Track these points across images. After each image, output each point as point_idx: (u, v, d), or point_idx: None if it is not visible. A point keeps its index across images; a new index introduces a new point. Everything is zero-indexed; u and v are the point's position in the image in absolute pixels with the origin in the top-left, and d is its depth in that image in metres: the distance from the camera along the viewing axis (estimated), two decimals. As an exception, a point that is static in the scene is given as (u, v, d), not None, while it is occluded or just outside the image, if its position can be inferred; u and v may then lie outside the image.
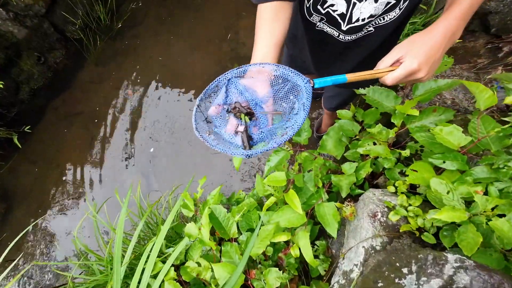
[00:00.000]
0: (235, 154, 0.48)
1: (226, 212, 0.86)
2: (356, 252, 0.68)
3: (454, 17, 0.51)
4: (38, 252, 1.75)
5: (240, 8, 2.30)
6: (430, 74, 0.53)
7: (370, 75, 0.54)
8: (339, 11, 0.63)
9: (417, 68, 0.51)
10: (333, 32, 0.70)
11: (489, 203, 0.51)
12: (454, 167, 0.63)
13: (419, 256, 0.48)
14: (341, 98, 1.16)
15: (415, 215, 0.65)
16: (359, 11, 0.60)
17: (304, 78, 0.51)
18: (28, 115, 2.20)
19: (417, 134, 0.72)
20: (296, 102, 0.52)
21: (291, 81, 0.52)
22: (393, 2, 0.57)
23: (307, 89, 0.50)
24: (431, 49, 0.51)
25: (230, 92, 0.54)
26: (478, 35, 1.13)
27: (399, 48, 0.54)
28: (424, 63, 0.51)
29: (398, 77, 0.53)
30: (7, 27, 1.95)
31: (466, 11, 0.51)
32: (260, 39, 0.58)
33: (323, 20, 0.68)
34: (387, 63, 0.55)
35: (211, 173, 1.81)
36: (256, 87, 0.53)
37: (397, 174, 0.82)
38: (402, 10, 0.59)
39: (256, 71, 0.53)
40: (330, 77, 0.53)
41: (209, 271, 0.81)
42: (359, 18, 0.62)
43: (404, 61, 0.52)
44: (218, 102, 0.53)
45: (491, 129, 0.61)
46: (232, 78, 0.54)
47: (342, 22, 0.65)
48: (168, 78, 2.19)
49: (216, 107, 0.52)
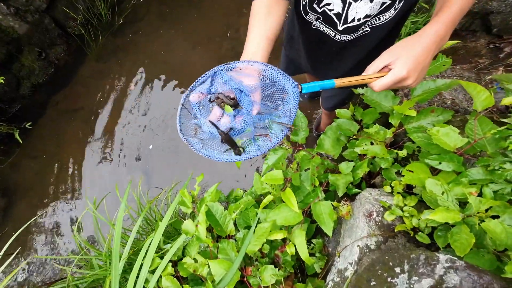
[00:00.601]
0: (219, 159, 0.47)
1: (223, 209, 0.86)
2: (351, 250, 0.69)
3: (443, 22, 0.51)
4: (38, 246, 1.77)
5: (241, 6, 2.29)
6: (418, 80, 0.53)
7: (358, 81, 0.54)
8: (335, 10, 0.63)
9: (405, 76, 0.51)
10: (329, 32, 0.70)
11: (482, 205, 0.51)
12: (450, 168, 0.63)
13: (412, 256, 0.48)
14: (339, 98, 1.16)
15: (410, 215, 0.65)
16: (354, 11, 0.60)
17: (293, 82, 0.51)
18: (29, 111, 2.21)
19: (414, 135, 0.72)
20: (281, 104, 0.52)
21: (278, 83, 0.52)
22: (389, 3, 0.57)
23: (294, 93, 0.50)
24: (420, 55, 0.51)
25: (215, 82, 0.53)
26: (480, 35, 1.13)
27: (388, 54, 0.54)
28: (413, 70, 0.51)
29: (387, 83, 0.52)
30: (8, 22, 1.95)
31: (455, 16, 0.51)
32: (252, 32, 0.58)
33: (320, 19, 0.68)
34: (376, 68, 0.55)
35: (211, 170, 1.81)
36: (243, 78, 0.52)
37: (393, 174, 0.82)
38: (398, 10, 0.59)
39: (245, 66, 0.52)
40: (318, 82, 0.53)
41: (205, 267, 0.82)
42: (354, 18, 0.62)
43: (393, 68, 0.52)
44: (201, 90, 0.52)
45: (488, 130, 0.61)
46: (219, 71, 0.53)
47: (338, 22, 0.65)
48: (168, 74, 2.19)
49: (198, 95, 0.51)
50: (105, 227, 1.74)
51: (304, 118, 0.93)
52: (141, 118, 2.07)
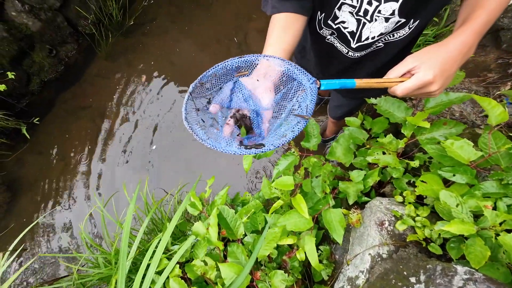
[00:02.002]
0: (227, 151, 0.44)
1: (233, 213, 0.87)
2: (362, 259, 0.69)
3: (471, 32, 0.49)
4: (42, 243, 1.77)
5: (251, 10, 2.32)
6: (442, 88, 0.51)
7: (380, 83, 0.52)
8: (349, 28, 0.63)
9: (431, 80, 0.48)
10: (342, 49, 0.71)
11: (498, 218, 0.52)
12: (464, 181, 0.64)
13: (428, 266, 0.49)
14: (347, 108, 1.17)
15: (422, 226, 0.66)
16: (369, 30, 0.61)
17: (311, 77, 0.49)
18: (37, 107, 2.22)
19: (428, 146, 0.73)
20: (297, 104, 0.49)
21: (296, 80, 0.50)
22: (403, 21, 0.57)
23: (312, 89, 0.48)
24: (446, 62, 0.49)
25: (234, 96, 0.51)
26: (489, 50, 1.14)
27: (412, 58, 0.51)
28: (439, 76, 0.49)
29: (411, 88, 0.50)
30: (21, 19, 1.98)
31: (482, 27, 0.50)
32: (270, 45, 0.57)
33: (334, 35, 0.69)
34: (398, 72, 0.52)
35: (216, 171, 1.82)
36: (260, 93, 0.51)
37: (404, 184, 0.83)
38: (412, 29, 0.59)
39: (263, 74, 0.51)
40: (339, 80, 0.50)
41: (214, 270, 0.82)
42: (368, 37, 0.62)
43: (418, 71, 0.49)
44: (220, 102, 0.51)
45: (502, 145, 0.62)
46: (238, 81, 0.51)
47: (352, 40, 0.65)
48: (176, 75, 2.21)
49: (218, 106, 0.51)
50: (109, 225, 1.74)
51: (316, 125, 0.94)
52: (147, 118, 2.09)
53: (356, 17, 0.60)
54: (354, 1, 0.57)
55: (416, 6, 0.54)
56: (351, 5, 0.58)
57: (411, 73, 0.51)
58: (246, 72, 0.52)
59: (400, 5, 0.53)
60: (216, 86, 0.53)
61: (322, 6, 0.63)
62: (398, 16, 0.56)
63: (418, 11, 0.56)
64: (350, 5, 0.58)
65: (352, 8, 0.58)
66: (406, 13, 0.56)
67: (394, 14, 0.55)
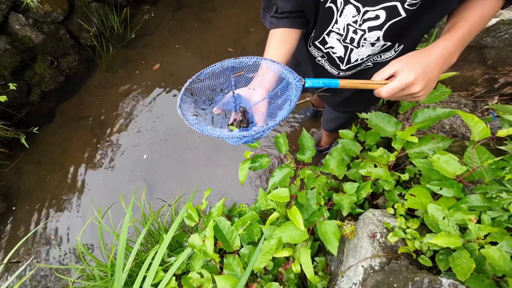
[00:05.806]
0: (220, 136, 0.49)
1: (230, 225, 0.88)
2: (356, 271, 0.70)
3: (452, 40, 0.52)
4: (38, 253, 1.75)
5: (249, 25, 2.40)
6: (426, 91, 0.53)
7: (364, 84, 0.54)
8: (337, 54, 0.68)
9: (413, 81, 0.51)
10: (332, 71, 0.76)
11: (481, 231, 0.54)
12: (450, 194, 0.66)
13: (416, 279, 0.51)
14: (339, 121, 1.20)
15: (412, 238, 0.68)
16: (357, 54, 0.65)
17: (296, 76, 0.54)
18: (37, 117, 2.25)
19: (416, 160, 0.76)
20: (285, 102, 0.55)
21: (285, 79, 0.56)
22: (389, 44, 0.62)
23: (297, 86, 0.53)
24: (429, 66, 0.51)
25: (237, 105, 0.61)
26: (476, 66, 1.20)
27: (396, 62, 0.54)
28: (421, 78, 0.51)
29: (394, 88, 0.52)
30: (25, 32, 2.03)
31: (465, 36, 0.52)
32: (267, 55, 0.64)
33: (325, 58, 0.74)
34: (383, 75, 0.55)
35: (212, 182, 1.83)
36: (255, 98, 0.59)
37: (396, 196, 0.85)
38: (398, 52, 0.64)
39: (258, 83, 0.58)
40: (323, 79, 0.54)
41: (210, 282, 0.82)
42: (357, 59, 0.67)
43: (401, 73, 0.52)
44: (225, 108, 0.59)
45: (485, 159, 0.65)
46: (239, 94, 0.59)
47: (341, 64, 0.71)
48: (175, 87, 2.25)
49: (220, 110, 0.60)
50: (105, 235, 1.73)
51: (311, 138, 0.98)
52: (147, 129, 2.11)
53: (343, 44, 0.64)
54: (341, 30, 0.62)
55: (400, 33, 0.58)
56: (338, 33, 0.63)
57: (395, 77, 0.54)
58: (241, 72, 0.60)
59: (383, 33, 0.58)
60: (214, 83, 0.60)
61: (314, 27, 0.68)
62: (383, 41, 0.60)
63: (403, 37, 0.60)
64: (337, 33, 0.63)
65: (339, 36, 0.63)
66: (391, 38, 0.60)
67: (379, 40, 0.60)
